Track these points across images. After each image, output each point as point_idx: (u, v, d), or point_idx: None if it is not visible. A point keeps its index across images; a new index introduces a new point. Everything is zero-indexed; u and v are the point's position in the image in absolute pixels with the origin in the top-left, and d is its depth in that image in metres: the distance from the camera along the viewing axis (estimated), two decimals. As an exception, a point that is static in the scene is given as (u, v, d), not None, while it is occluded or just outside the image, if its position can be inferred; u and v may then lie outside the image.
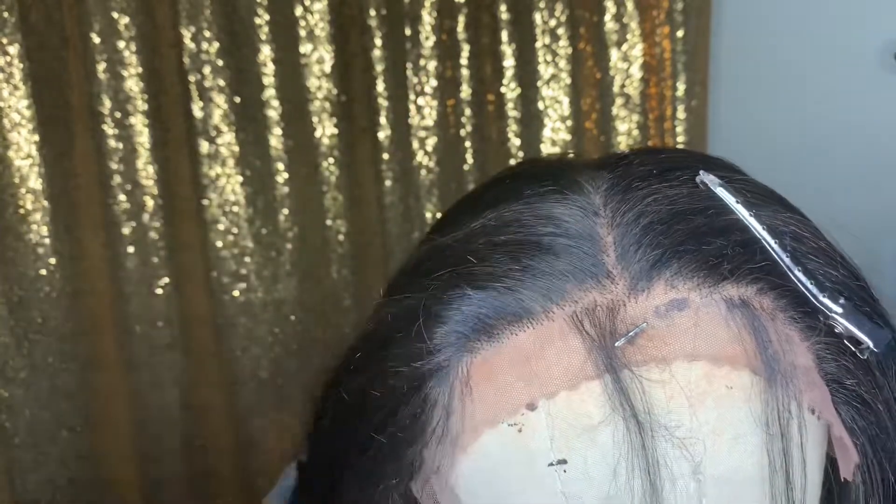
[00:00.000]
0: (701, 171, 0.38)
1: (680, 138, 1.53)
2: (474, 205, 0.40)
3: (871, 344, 0.35)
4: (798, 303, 0.35)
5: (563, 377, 0.34)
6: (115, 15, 1.35)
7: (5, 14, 1.29)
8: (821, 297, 0.35)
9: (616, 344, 0.34)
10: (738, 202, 0.36)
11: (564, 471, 0.34)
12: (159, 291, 1.43)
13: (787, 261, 0.35)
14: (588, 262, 0.35)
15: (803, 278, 0.35)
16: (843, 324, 0.35)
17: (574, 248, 0.35)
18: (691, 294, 0.35)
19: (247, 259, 1.45)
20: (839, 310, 0.35)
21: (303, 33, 1.43)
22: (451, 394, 0.35)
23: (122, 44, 1.36)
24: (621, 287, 0.35)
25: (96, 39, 1.35)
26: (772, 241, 0.35)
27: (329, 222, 1.49)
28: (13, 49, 1.30)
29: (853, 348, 0.35)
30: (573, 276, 0.35)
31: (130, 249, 1.41)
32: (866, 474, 0.37)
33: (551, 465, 0.34)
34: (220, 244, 1.44)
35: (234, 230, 1.44)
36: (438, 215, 1.49)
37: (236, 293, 1.46)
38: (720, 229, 0.36)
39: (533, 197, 0.38)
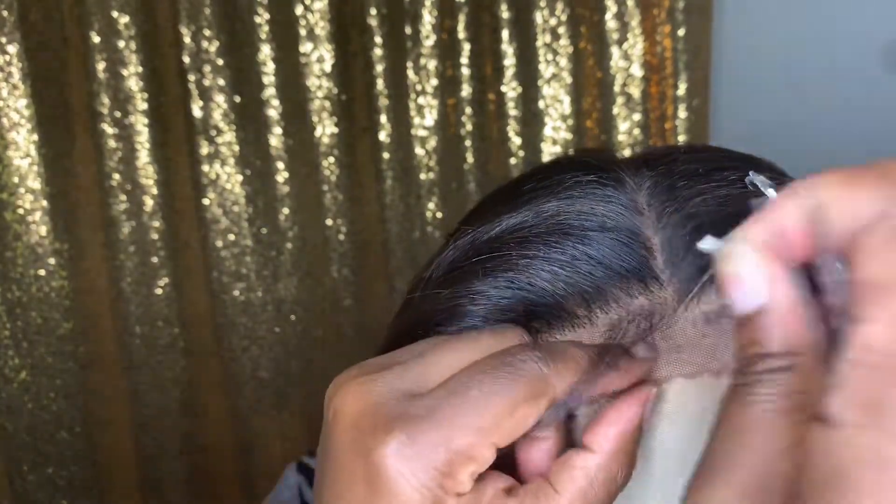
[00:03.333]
0: (751, 172, 0.36)
1: (681, 138, 1.53)
2: (512, 198, 0.38)
3: None
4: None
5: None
6: (115, 14, 1.34)
7: (5, 13, 1.29)
8: None
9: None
10: None
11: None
12: (159, 291, 1.43)
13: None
14: (635, 263, 0.33)
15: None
16: None
17: (621, 245, 0.34)
18: None
19: (247, 258, 1.45)
20: None
21: (303, 32, 1.43)
22: None
23: (121, 43, 1.36)
24: (670, 293, 0.33)
25: (96, 38, 1.34)
26: None
27: (329, 222, 1.49)
28: (12, 48, 1.30)
29: None
30: (619, 277, 0.33)
31: (130, 249, 1.40)
32: None
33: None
34: (220, 244, 1.44)
35: (234, 230, 1.44)
36: (439, 215, 1.50)
37: (236, 293, 1.46)
38: None
39: (573, 192, 0.36)
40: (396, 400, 0.28)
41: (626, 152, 1.54)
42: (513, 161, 1.52)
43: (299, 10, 1.42)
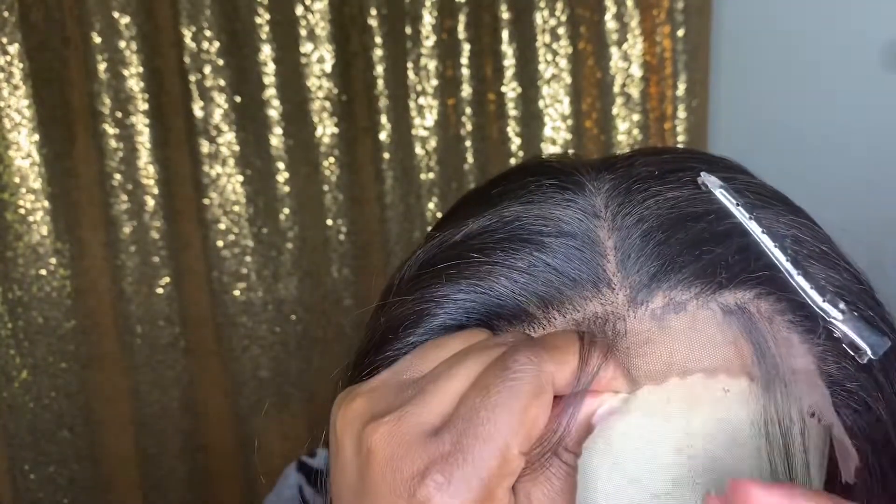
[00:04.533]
0: (702, 173, 0.37)
1: (680, 138, 1.53)
2: (477, 203, 0.40)
3: (868, 351, 0.34)
4: (798, 306, 0.35)
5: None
6: (116, 14, 1.35)
7: (5, 13, 1.29)
8: (820, 302, 0.35)
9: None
10: (738, 205, 0.36)
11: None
12: (160, 291, 1.43)
13: (787, 265, 0.35)
14: (588, 269, 0.35)
15: (803, 282, 0.35)
16: (842, 329, 0.35)
17: (575, 251, 0.35)
18: (689, 303, 0.34)
19: (247, 258, 1.45)
20: (839, 315, 0.35)
21: (303, 33, 1.43)
22: None
23: (122, 43, 1.36)
24: (621, 298, 0.35)
25: (97, 39, 1.35)
26: (771, 246, 0.35)
27: (329, 222, 1.49)
28: (13, 48, 1.30)
29: (852, 353, 0.35)
30: (574, 282, 0.35)
31: (131, 249, 1.41)
32: (867, 476, 0.37)
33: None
34: (220, 244, 1.44)
35: (235, 230, 1.45)
36: (439, 215, 1.50)
37: (237, 293, 1.46)
38: (720, 235, 0.36)
39: (534, 196, 0.38)
40: (425, 437, 0.30)
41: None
42: (513, 161, 1.52)
43: (299, 10, 1.42)
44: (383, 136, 1.48)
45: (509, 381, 0.30)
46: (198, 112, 1.40)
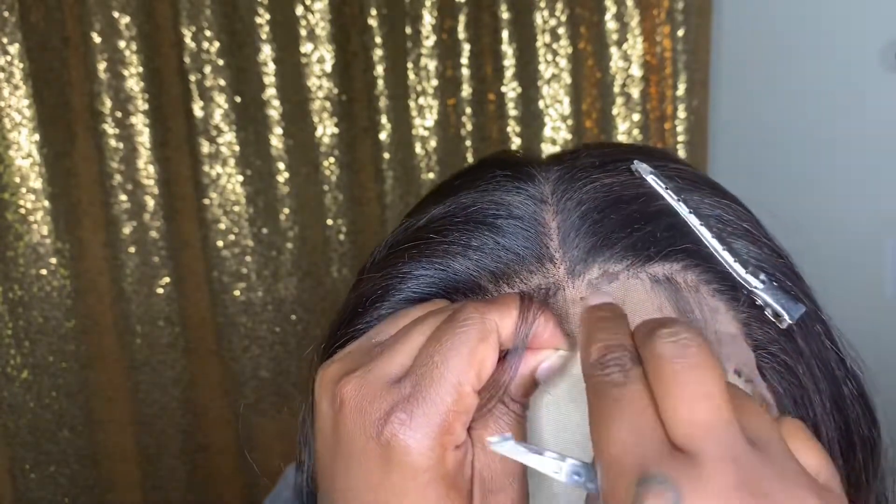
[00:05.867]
0: (635, 161, 0.41)
1: (680, 138, 1.53)
2: (441, 192, 0.45)
3: (786, 316, 0.38)
4: (722, 277, 0.39)
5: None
6: (116, 14, 1.35)
7: (6, 13, 1.29)
8: (743, 273, 0.39)
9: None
10: (666, 188, 0.40)
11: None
12: (160, 291, 1.43)
13: (712, 241, 0.39)
14: (534, 246, 0.39)
15: (727, 256, 0.39)
16: (762, 297, 0.38)
17: (523, 231, 0.40)
18: (621, 274, 0.39)
19: (247, 258, 1.45)
20: (759, 284, 0.38)
21: (303, 33, 1.43)
22: None
23: (122, 43, 1.36)
24: (562, 271, 0.39)
25: (97, 39, 1.35)
26: (697, 223, 0.39)
27: (329, 222, 1.49)
28: (14, 48, 1.30)
29: (773, 319, 0.39)
30: (521, 258, 0.39)
31: (131, 249, 1.41)
32: None
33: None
34: (220, 244, 1.44)
35: (235, 230, 1.45)
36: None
37: (237, 292, 1.46)
38: (650, 215, 0.40)
39: (490, 185, 0.42)
40: (388, 385, 0.34)
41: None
42: (513, 161, 1.52)
43: (300, 10, 1.42)
44: (383, 136, 1.48)
45: (458, 329, 0.34)
46: (198, 112, 1.40)
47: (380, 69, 1.45)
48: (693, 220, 0.39)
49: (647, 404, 0.30)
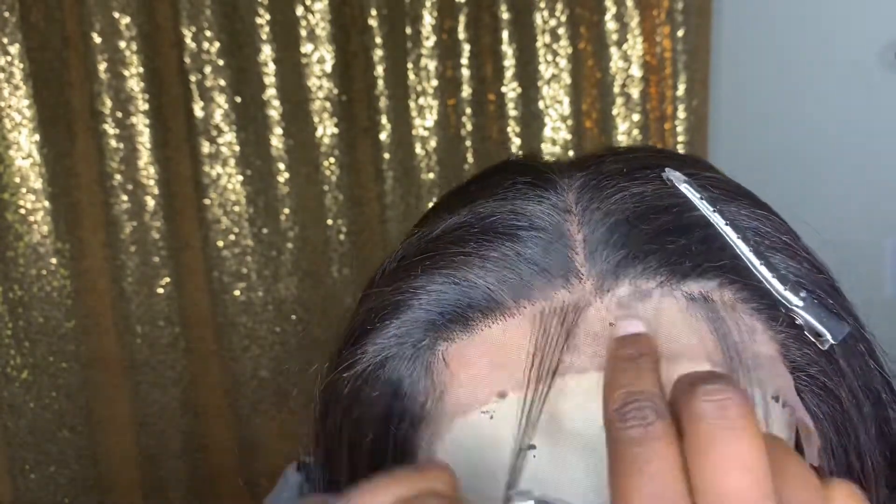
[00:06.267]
0: (667, 169, 0.38)
1: (680, 138, 1.53)
2: (455, 201, 0.42)
3: (829, 336, 0.36)
4: (760, 295, 0.36)
5: (530, 369, 0.35)
6: (116, 14, 1.35)
7: (6, 13, 1.29)
8: (782, 291, 0.36)
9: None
10: (701, 198, 0.37)
11: (534, 456, 0.35)
12: (160, 291, 1.43)
13: (750, 255, 0.36)
14: (558, 260, 0.36)
15: (765, 272, 0.36)
16: (803, 316, 0.36)
17: (545, 244, 0.37)
18: (654, 291, 0.36)
19: (247, 258, 1.45)
20: (800, 302, 0.36)
21: (303, 33, 1.43)
22: (429, 379, 0.37)
23: (122, 43, 1.36)
24: (589, 287, 0.36)
25: (97, 39, 1.35)
26: (734, 236, 0.36)
27: (330, 222, 1.49)
28: (14, 49, 1.30)
29: (813, 339, 0.36)
30: (544, 273, 0.36)
31: (131, 249, 1.41)
32: (831, 459, 0.38)
33: (522, 450, 0.35)
34: (220, 244, 1.44)
35: (235, 230, 1.45)
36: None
37: (237, 293, 1.46)
38: (684, 227, 0.37)
39: (510, 192, 0.39)
40: None
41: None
42: (513, 161, 1.52)
43: (300, 10, 1.42)
44: (383, 136, 1.48)
45: None
46: (198, 112, 1.40)
47: (380, 69, 1.46)
48: (730, 233, 0.37)
49: (673, 464, 0.27)
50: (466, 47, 1.48)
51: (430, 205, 1.58)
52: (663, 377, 0.33)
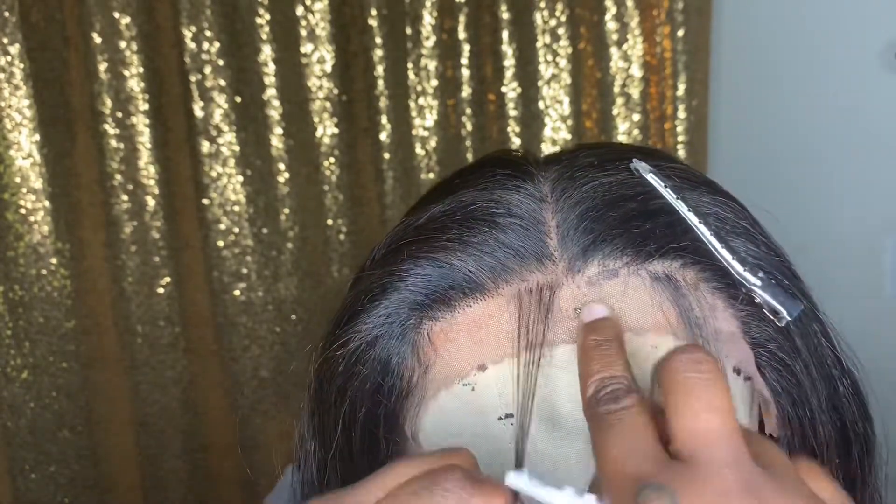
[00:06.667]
0: (634, 160, 0.42)
1: (680, 138, 1.53)
2: (440, 191, 0.45)
3: (784, 313, 0.39)
4: (721, 275, 0.39)
5: (507, 345, 0.38)
6: (116, 15, 1.35)
7: (6, 14, 1.29)
8: (741, 271, 0.39)
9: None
10: (665, 186, 0.40)
11: (512, 424, 0.37)
12: (160, 291, 1.43)
13: (711, 238, 0.39)
14: (534, 245, 0.39)
15: (725, 254, 0.39)
16: (761, 295, 0.39)
17: (522, 230, 0.40)
18: (621, 270, 0.39)
19: (248, 258, 1.45)
20: (758, 282, 0.39)
21: (303, 33, 1.43)
22: (415, 356, 0.40)
23: (123, 43, 1.36)
24: (561, 268, 0.39)
25: (97, 39, 1.35)
26: (696, 221, 0.39)
27: (330, 222, 1.49)
28: (14, 49, 1.30)
29: (771, 317, 0.39)
30: (521, 256, 0.39)
31: (131, 249, 1.41)
32: (788, 429, 0.41)
33: (500, 419, 0.38)
34: (220, 244, 1.44)
35: (235, 230, 1.45)
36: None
37: (237, 293, 1.46)
38: (649, 212, 0.40)
39: (490, 183, 0.42)
40: None
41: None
42: (513, 161, 1.52)
43: (300, 10, 1.42)
44: (383, 136, 1.48)
45: (430, 500, 0.30)
46: (198, 112, 1.40)
47: (380, 69, 1.46)
48: (692, 218, 0.39)
49: (644, 422, 0.31)
50: (466, 47, 1.48)
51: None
52: (630, 348, 0.37)
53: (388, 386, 0.40)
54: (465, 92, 1.49)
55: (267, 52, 1.41)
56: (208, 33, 1.38)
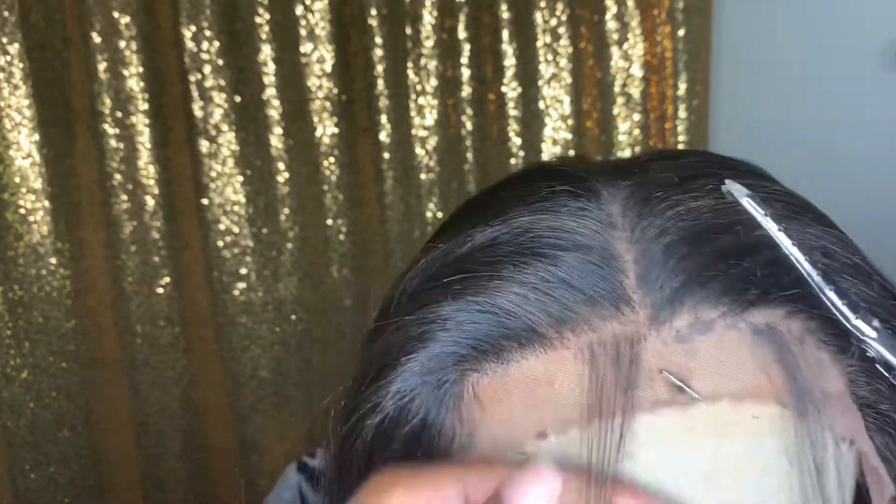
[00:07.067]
0: (727, 181, 0.34)
1: (681, 137, 1.53)
2: (481, 210, 0.37)
3: None
4: (829, 324, 0.33)
5: (572, 410, 0.31)
6: (116, 14, 1.35)
7: (6, 13, 1.29)
8: (853, 319, 0.32)
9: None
10: (766, 215, 0.33)
11: None
12: (160, 291, 1.43)
13: (818, 280, 0.32)
14: (606, 285, 0.32)
15: (835, 298, 0.32)
16: (875, 348, 0.32)
17: (591, 266, 0.33)
18: (716, 322, 0.32)
19: (247, 258, 1.45)
20: (873, 333, 0.32)
21: (303, 33, 1.43)
22: (456, 415, 0.34)
23: (122, 43, 1.36)
24: (642, 317, 0.32)
25: (97, 39, 1.35)
26: (802, 259, 0.32)
27: (329, 222, 1.49)
28: (14, 49, 1.30)
29: (886, 374, 0.33)
30: (591, 300, 0.32)
31: (131, 249, 1.41)
32: None
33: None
34: (220, 244, 1.44)
35: (235, 229, 1.45)
36: (440, 215, 1.50)
37: (237, 292, 1.46)
38: (748, 248, 0.33)
39: (546, 203, 0.35)
40: None
41: (626, 153, 1.55)
42: (513, 161, 1.52)
43: (299, 10, 1.42)
44: (383, 136, 1.48)
45: None
46: (198, 112, 1.40)
47: (380, 69, 1.45)
48: (797, 255, 0.32)
49: None
50: (466, 47, 1.48)
51: (431, 204, 1.55)
52: (727, 420, 0.31)
53: (422, 451, 0.34)
54: (465, 92, 1.49)
55: (267, 51, 1.41)
56: (208, 33, 1.38)
